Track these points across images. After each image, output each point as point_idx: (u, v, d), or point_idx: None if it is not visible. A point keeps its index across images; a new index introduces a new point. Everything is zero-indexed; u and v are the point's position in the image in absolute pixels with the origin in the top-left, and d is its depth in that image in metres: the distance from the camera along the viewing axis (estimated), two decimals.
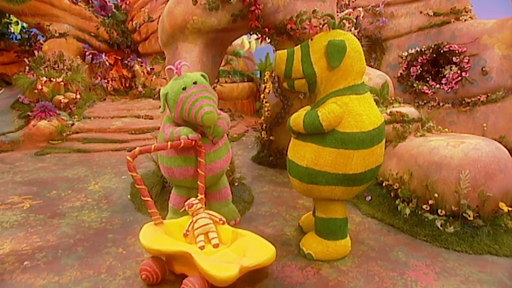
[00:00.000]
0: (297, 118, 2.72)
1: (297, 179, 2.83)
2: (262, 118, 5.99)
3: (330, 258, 2.90)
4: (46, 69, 8.60)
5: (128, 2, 11.93)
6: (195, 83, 2.88)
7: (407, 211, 3.54)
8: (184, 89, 2.86)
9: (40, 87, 7.58)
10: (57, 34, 9.95)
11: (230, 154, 3.45)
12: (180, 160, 3.08)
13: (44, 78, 7.82)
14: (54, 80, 7.89)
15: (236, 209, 3.64)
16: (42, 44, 10.21)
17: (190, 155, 3.07)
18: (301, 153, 2.73)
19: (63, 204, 4.18)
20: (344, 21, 2.81)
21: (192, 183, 3.17)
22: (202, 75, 3.04)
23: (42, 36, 10.73)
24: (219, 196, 3.50)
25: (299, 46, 2.76)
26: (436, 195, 3.39)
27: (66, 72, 8.76)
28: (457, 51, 6.46)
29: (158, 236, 2.65)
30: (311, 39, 2.70)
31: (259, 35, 4.69)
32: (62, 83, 8.00)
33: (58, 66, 8.98)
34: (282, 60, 2.77)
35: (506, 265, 2.80)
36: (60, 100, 7.71)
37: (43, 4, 9.92)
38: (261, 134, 5.99)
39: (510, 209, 3.24)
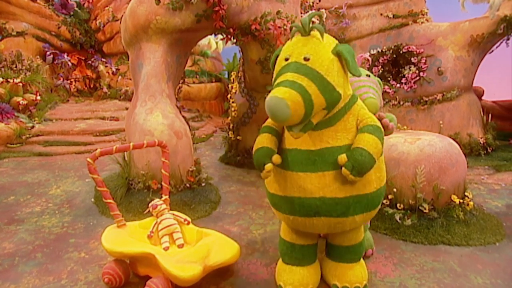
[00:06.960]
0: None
1: (361, 214, 2.19)
2: (229, 118, 6.01)
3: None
4: (2, 69, 8.22)
5: (91, 1, 11.59)
6: (368, 75, 3.02)
7: None
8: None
9: None
10: (14, 33, 9.54)
11: None
12: None
13: (0, 79, 7.46)
14: (11, 81, 7.54)
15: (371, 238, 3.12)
16: None
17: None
18: (366, 179, 2.12)
19: (21, 209, 4.02)
20: (313, 19, 2.73)
21: None
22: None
23: None
24: None
25: (301, 77, 1.87)
26: (395, 190, 3.55)
27: (25, 73, 8.42)
28: (415, 52, 6.79)
29: (121, 238, 2.61)
30: (307, 59, 1.94)
31: (224, 36, 4.71)
32: (21, 84, 7.67)
33: (16, 67, 8.62)
34: (299, 104, 1.81)
35: (457, 253, 2.98)
36: (19, 102, 7.38)
37: None
38: (228, 134, 6.02)
39: (461, 201, 3.44)
